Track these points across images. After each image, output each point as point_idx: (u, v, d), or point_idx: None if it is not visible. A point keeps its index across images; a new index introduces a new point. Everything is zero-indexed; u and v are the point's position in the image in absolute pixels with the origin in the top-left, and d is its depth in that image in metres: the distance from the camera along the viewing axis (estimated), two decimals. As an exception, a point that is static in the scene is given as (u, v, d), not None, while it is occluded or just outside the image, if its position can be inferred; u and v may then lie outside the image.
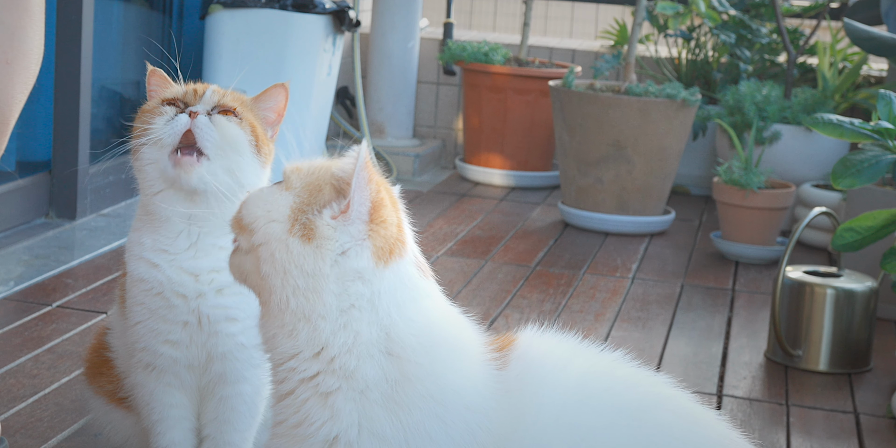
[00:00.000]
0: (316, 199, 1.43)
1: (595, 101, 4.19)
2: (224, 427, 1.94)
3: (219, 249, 1.88)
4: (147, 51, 4.36)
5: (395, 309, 1.43)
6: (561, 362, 1.45)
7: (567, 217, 4.32)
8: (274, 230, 1.43)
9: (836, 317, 3.00)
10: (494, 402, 1.43)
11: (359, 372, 1.41)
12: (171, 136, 1.84)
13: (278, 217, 1.43)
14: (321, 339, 1.41)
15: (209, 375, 1.92)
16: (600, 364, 1.48)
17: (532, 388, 1.43)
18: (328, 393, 1.41)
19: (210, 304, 1.88)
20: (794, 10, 5.02)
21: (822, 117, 2.73)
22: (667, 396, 1.47)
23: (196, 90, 1.90)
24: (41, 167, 3.75)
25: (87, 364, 2.11)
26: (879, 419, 2.72)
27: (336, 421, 1.41)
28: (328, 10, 4.29)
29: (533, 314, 3.26)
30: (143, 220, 1.91)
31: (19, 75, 1.79)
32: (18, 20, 1.76)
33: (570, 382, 1.44)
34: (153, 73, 1.96)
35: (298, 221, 1.42)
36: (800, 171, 4.36)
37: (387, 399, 1.41)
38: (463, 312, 1.52)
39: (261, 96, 1.95)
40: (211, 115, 1.86)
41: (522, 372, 1.45)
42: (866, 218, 2.71)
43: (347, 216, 1.41)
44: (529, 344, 1.49)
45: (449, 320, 1.48)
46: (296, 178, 1.47)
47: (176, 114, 1.86)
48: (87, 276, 3.25)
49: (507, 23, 7.22)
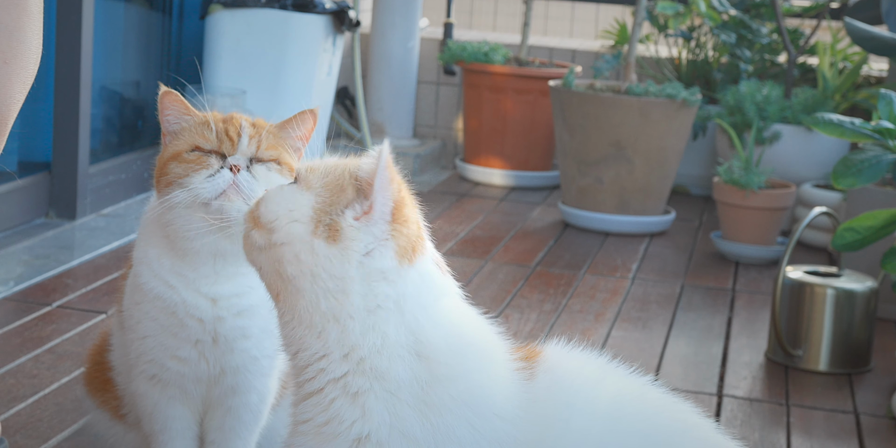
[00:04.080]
0: (338, 199, 1.42)
1: (595, 101, 4.19)
2: (228, 435, 1.93)
3: (241, 276, 1.82)
4: (147, 50, 4.36)
5: (421, 310, 1.42)
6: (592, 382, 1.45)
7: (567, 217, 4.32)
8: (297, 231, 1.41)
9: (836, 317, 3.00)
10: (522, 411, 1.43)
11: (390, 373, 1.40)
12: (213, 192, 1.76)
13: (300, 217, 1.42)
14: (351, 340, 1.41)
15: (220, 388, 1.89)
16: (631, 387, 1.48)
17: (561, 403, 1.43)
18: (358, 393, 1.41)
19: (228, 326, 1.84)
20: (794, 10, 5.02)
21: (823, 117, 2.73)
22: (695, 425, 1.48)
23: (231, 137, 1.80)
24: (41, 167, 3.75)
25: (88, 377, 2.08)
26: (879, 419, 2.72)
27: (366, 420, 1.41)
28: (328, 10, 4.29)
29: (533, 314, 3.25)
30: (161, 240, 1.84)
31: (18, 75, 1.78)
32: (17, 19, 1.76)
33: (601, 402, 1.44)
34: (167, 95, 1.82)
35: (322, 223, 1.41)
36: (800, 171, 4.36)
37: (417, 400, 1.40)
38: (482, 313, 1.52)
39: (289, 123, 1.84)
40: (251, 168, 1.78)
41: (551, 385, 1.45)
42: (866, 218, 2.70)
43: (370, 216, 1.40)
44: (558, 359, 1.48)
45: (473, 322, 1.48)
46: (314, 177, 1.45)
47: (219, 168, 1.77)
48: (87, 276, 3.25)
49: (507, 23, 7.22)
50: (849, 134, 2.71)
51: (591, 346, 2.95)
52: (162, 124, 1.84)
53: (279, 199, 1.45)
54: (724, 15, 4.86)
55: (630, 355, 3.00)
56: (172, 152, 1.80)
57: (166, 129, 1.84)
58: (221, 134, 1.80)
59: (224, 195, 1.76)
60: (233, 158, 1.78)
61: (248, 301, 1.84)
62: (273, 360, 1.91)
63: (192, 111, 1.83)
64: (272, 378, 1.93)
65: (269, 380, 1.92)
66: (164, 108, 1.82)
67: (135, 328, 1.88)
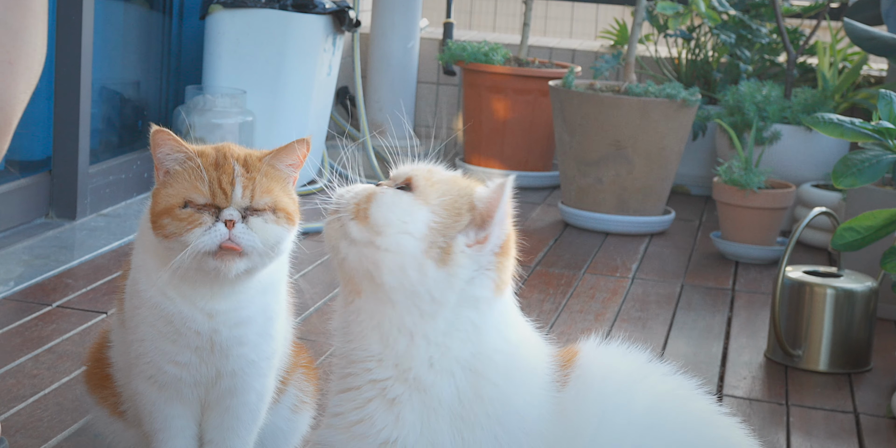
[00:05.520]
0: (454, 223, 1.41)
1: (595, 101, 4.19)
2: (227, 434, 1.94)
3: (239, 294, 1.83)
4: (147, 51, 4.36)
5: (496, 333, 1.43)
6: (625, 385, 1.44)
7: (567, 217, 4.32)
8: (408, 244, 1.40)
9: (836, 317, 3.00)
10: (550, 425, 1.42)
11: (434, 388, 1.40)
12: (210, 245, 1.76)
13: (414, 232, 1.40)
14: (412, 354, 1.41)
15: (217, 390, 1.90)
16: (671, 394, 1.46)
17: (590, 413, 1.42)
18: (395, 400, 1.41)
19: (224, 336, 1.85)
20: (794, 10, 5.02)
21: (823, 117, 2.73)
22: (739, 442, 1.46)
23: (224, 188, 1.79)
24: (41, 167, 3.75)
25: (88, 374, 2.09)
26: (879, 419, 2.72)
27: (398, 427, 1.40)
28: (328, 10, 4.29)
29: (533, 314, 3.25)
30: (159, 251, 1.83)
31: (22, 75, 1.78)
32: (21, 20, 1.76)
33: (633, 411, 1.42)
34: (158, 133, 1.82)
35: (436, 244, 1.40)
36: (800, 171, 4.36)
37: (454, 415, 1.40)
38: (534, 326, 1.52)
39: (280, 153, 1.83)
40: (246, 219, 1.78)
41: (581, 394, 1.44)
42: (866, 218, 2.70)
43: (483, 247, 1.40)
44: (591, 360, 1.47)
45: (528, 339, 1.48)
46: (432, 193, 1.44)
47: (213, 223, 1.77)
48: (87, 276, 3.25)
49: (507, 23, 7.22)
50: (849, 134, 2.71)
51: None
52: (155, 160, 1.84)
53: (395, 208, 1.42)
54: (724, 15, 4.87)
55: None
56: (164, 206, 1.79)
57: (159, 165, 1.84)
58: (214, 186, 1.79)
59: (220, 255, 1.76)
60: (227, 211, 1.77)
61: (245, 313, 1.85)
62: (271, 360, 1.92)
63: (184, 147, 1.81)
64: (270, 378, 1.94)
65: (268, 380, 1.93)
66: (157, 145, 1.82)
67: (134, 331, 1.89)
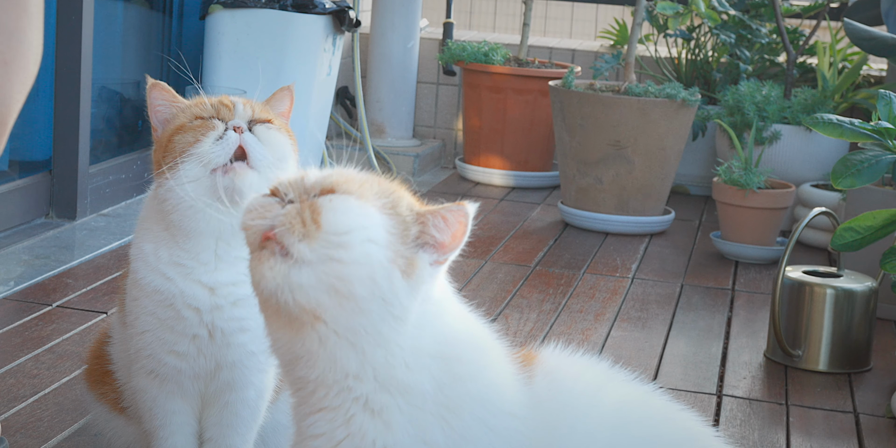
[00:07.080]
0: (405, 233, 1.38)
1: (595, 101, 4.19)
2: (226, 431, 1.94)
3: (242, 261, 1.83)
4: (147, 51, 4.36)
5: (451, 318, 1.43)
6: (593, 387, 1.45)
7: (567, 217, 4.32)
8: (374, 253, 1.35)
9: (835, 317, 3.00)
10: (530, 410, 1.42)
11: (416, 386, 1.39)
12: (223, 155, 1.78)
13: (377, 238, 1.36)
14: (390, 363, 1.39)
15: (216, 383, 1.91)
16: (634, 394, 1.47)
17: (565, 405, 1.43)
18: (381, 409, 1.39)
19: (226, 316, 1.85)
20: (793, 10, 5.02)
21: (822, 117, 2.73)
22: (699, 434, 1.47)
23: (226, 104, 1.85)
24: (41, 167, 3.75)
25: (88, 371, 2.10)
26: (879, 419, 2.72)
27: (391, 433, 1.39)
28: (328, 10, 4.30)
29: (532, 314, 3.25)
30: (158, 234, 1.86)
31: (18, 75, 1.78)
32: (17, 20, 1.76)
33: (604, 408, 1.43)
34: (155, 86, 1.86)
35: (400, 254, 1.37)
36: (800, 171, 4.36)
37: (439, 406, 1.39)
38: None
39: (271, 100, 1.92)
40: (252, 129, 1.82)
41: (552, 388, 1.44)
42: (866, 218, 2.71)
43: (444, 265, 1.41)
44: (556, 363, 1.48)
45: (478, 324, 1.48)
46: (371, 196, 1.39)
47: (224, 130, 1.80)
48: (87, 276, 3.25)
49: (507, 23, 7.22)
50: (848, 134, 2.71)
51: (591, 345, 2.95)
52: (152, 117, 1.88)
53: (352, 214, 1.36)
54: (724, 15, 4.87)
55: (629, 355, 3.00)
56: (175, 127, 1.84)
57: (157, 119, 1.88)
58: (217, 104, 1.86)
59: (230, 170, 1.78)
60: (233, 122, 1.82)
61: (245, 290, 1.85)
62: (269, 355, 1.92)
63: (180, 99, 1.88)
64: (269, 374, 1.94)
65: (266, 376, 1.94)
66: (154, 98, 1.87)
67: (134, 324, 1.90)
